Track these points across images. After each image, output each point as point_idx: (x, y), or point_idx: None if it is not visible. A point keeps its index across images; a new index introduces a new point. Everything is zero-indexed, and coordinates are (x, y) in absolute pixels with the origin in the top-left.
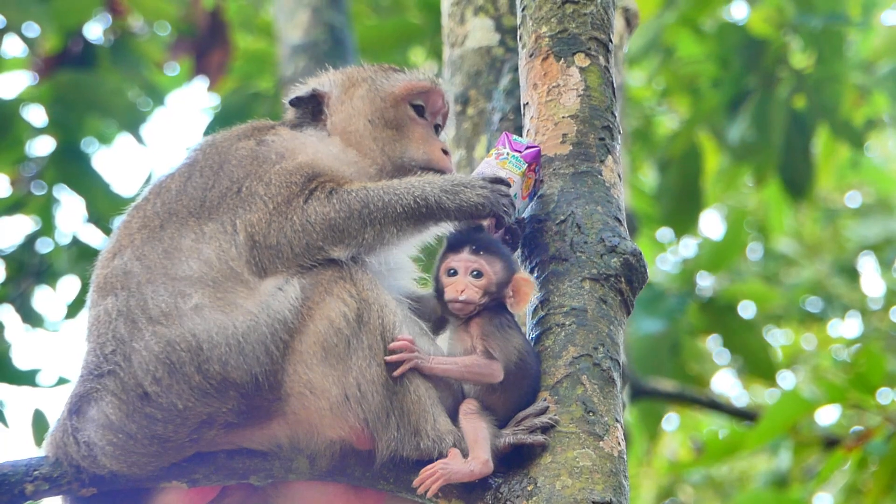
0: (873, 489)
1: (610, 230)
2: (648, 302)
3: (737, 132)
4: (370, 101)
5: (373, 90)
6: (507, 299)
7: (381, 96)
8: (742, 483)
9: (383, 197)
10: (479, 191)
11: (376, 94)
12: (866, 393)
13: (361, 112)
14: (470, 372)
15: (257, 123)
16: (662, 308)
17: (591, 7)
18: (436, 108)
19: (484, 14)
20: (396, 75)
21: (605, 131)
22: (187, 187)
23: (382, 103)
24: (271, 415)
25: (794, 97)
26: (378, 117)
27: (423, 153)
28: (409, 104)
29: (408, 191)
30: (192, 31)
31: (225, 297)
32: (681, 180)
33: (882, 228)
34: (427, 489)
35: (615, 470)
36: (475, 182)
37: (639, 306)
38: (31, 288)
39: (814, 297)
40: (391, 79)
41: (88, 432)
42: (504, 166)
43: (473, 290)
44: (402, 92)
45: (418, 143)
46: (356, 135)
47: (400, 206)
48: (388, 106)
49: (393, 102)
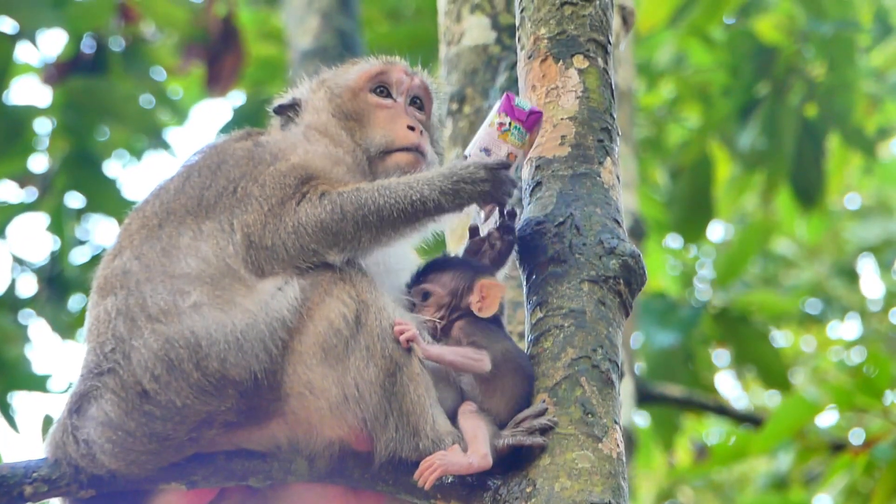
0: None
1: (608, 232)
2: (661, 313)
3: (747, 140)
4: (329, 100)
5: (330, 88)
6: (474, 305)
7: (337, 92)
8: (742, 485)
9: (377, 199)
10: (480, 185)
11: (332, 91)
12: (873, 397)
13: (324, 108)
14: (462, 356)
15: (254, 129)
16: (675, 319)
17: (590, 9)
18: (402, 85)
19: (480, 12)
20: (352, 68)
21: (604, 133)
22: (185, 187)
23: (340, 98)
24: (270, 414)
25: (806, 105)
26: (339, 111)
27: (383, 136)
28: (370, 91)
29: (405, 193)
30: (205, 37)
31: (223, 296)
32: (692, 188)
33: (881, 230)
34: (426, 481)
35: (614, 471)
36: (475, 175)
37: (651, 318)
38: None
39: (813, 299)
40: (346, 74)
41: (88, 430)
42: (506, 140)
43: (425, 310)
44: (355, 82)
45: (380, 127)
46: (323, 126)
47: (396, 209)
48: (347, 99)
49: (350, 95)
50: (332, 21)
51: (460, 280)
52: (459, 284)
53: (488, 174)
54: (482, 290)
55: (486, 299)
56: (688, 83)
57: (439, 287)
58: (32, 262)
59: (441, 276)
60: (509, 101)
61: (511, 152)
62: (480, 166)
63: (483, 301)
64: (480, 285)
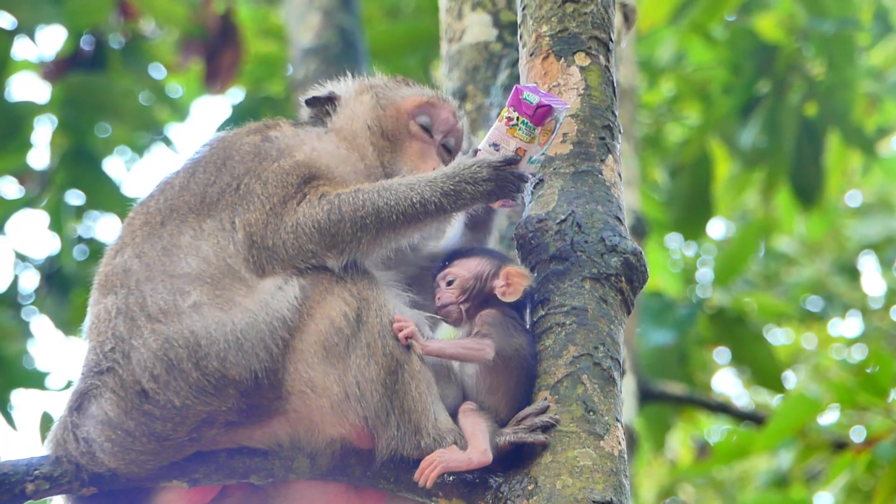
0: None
1: (610, 229)
2: (658, 312)
3: (748, 138)
4: (372, 108)
5: (376, 97)
6: (498, 289)
7: (383, 105)
8: (743, 483)
9: (377, 201)
10: (483, 185)
11: (378, 101)
12: (876, 396)
13: (362, 116)
14: (463, 348)
15: (267, 121)
16: (671, 319)
17: (592, 6)
18: (444, 125)
19: (482, 9)
20: (405, 89)
21: (606, 130)
22: (190, 183)
23: (383, 111)
24: (272, 413)
25: (806, 104)
26: (376, 124)
27: (409, 170)
28: (413, 120)
29: (405, 195)
30: (203, 33)
31: (223, 295)
32: (692, 186)
33: (883, 227)
34: (426, 480)
35: (616, 469)
36: (479, 175)
37: (648, 316)
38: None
39: (814, 297)
40: (397, 91)
41: (88, 428)
42: (514, 134)
43: (448, 294)
44: (405, 105)
45: (409, 159)
46: (352, 134)
47: (396, 211)
48: (389, 116)
49: (394, 113)
50: (333, 18)
51: (487, 265)
52: (485, 269)
53: (491, 173)
54: (508, 276)
55: (511, 286)
56: (688, 81)
57: (465, 271)
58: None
59: (467, 261)
60: (517, 95)
61: (520, 147)
62: (484, 165)
63: (507, 287)
64: (507, 272)
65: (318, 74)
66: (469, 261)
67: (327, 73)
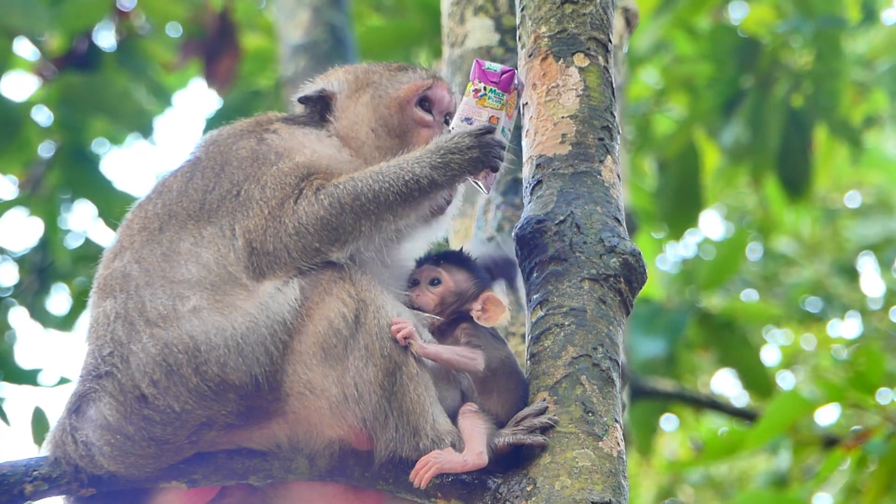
0: (872, 488)
1: (609, 230)
2: (647, 318)
3: (731, 135)
4: (374, 109)
5: (376, 97)
6: (475, 312)
7: (385, 103)
8: (742, 483)
9: (372, 186)
10: (468, 153)
11: (380, 101)
12: (865, 392)
13: (365, 120)
14: (458, 355)
15: (261, 118)
16: (661, 324)
17: (591, 7)
18: (442, 102)
19: (484, 14)
20: (401, 77)
21: (605, 131)
22: (188, 189)
23: (386, 110)
24: (271, 415)
25: (792, 95)
26: (381, 126)
27: None
28: (416, 107)
29: (397, 175)
30: (201, 32)
31: (223, 300)
32: (680, 179)
33: (882, 228)
34: (421, 480)
35: (614, 470)
36: (462, 143)
37: (637, 323)
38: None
39: (813, 297)
40: (395, 82)
41: (87, 432)
42: (484, 104)
43: (428, 297)
44: (406, 95)
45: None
46: (357, 142)
47: (392, 192)
48: (393, 112)
49: (398, 108)
50: (322, 15)
51: (472, 284)
52: (469, 288)
53: (473, 140)
54: (485, 302)
55: (487, 312)
56: (673, 74)
57: (452, 281)
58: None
59: (458, 271)
60: (479, 67)
61: (493, 115)
62: (465, 135)
63: (483, 312)
64: (485, 297)
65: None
66: (457, 274)
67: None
